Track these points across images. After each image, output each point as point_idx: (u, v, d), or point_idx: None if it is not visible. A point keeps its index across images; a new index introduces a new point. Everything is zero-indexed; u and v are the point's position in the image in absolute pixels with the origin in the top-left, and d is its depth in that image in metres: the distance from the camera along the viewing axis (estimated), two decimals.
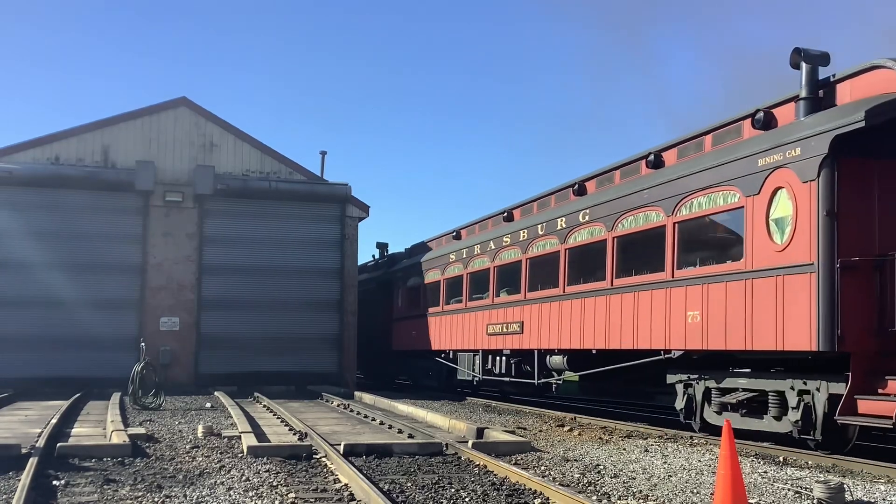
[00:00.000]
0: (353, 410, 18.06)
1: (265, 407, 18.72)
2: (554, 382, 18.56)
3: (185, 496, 7.97)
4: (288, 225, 26.64)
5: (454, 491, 8.32)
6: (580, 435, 13.74)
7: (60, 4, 78.80)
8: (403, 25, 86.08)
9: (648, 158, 14.95)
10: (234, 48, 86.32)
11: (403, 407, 18.00)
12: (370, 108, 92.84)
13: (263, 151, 27.16)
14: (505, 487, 8.52)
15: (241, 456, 10.67)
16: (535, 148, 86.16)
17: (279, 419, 15.62)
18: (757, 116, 12.28)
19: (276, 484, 8.63)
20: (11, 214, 24.10)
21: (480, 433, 12.63)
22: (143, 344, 20.73)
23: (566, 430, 14.52)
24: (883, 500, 8.23)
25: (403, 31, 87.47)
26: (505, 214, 21.20)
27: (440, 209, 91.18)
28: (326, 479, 9.04)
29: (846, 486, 8.33)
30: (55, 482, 8.63)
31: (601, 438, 13.19)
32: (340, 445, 10.84)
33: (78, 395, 20.01)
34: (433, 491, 8.34)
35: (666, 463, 10.43)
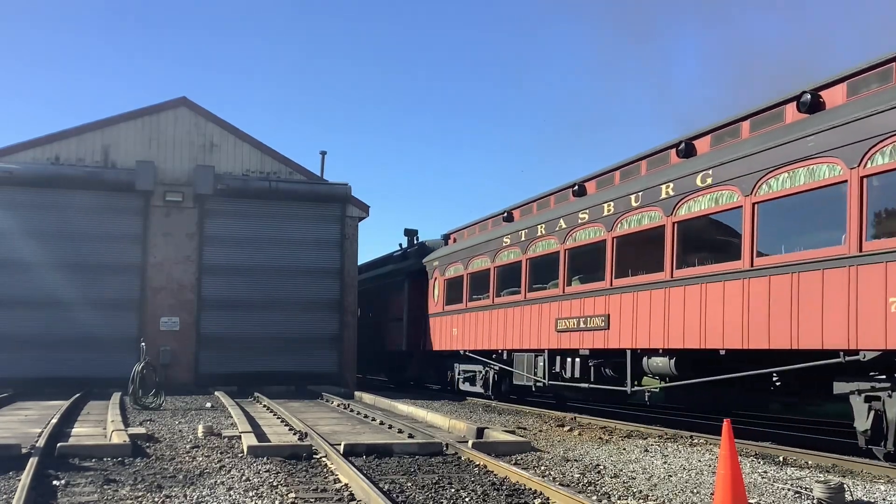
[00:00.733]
0: (353, 410, 18.07)
1: (265, 407, 18.73)
2: (650, 391, 15.12)
3: (185, 496, 7.98)
4: (288, 225, 26.65)
5: (454, 491, 8.33)
6: (580, 435, 13.75)
7: (60, 4, 78.84)
8: (404, 26, 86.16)
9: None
10: (234, 49, 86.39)
11: (403, 407, 18.01)
12: (370, 108, 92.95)
13: (263, 151, 27.17)
14: (505, 487, 8.52)
15: (241, 456, 10.68)
16: (535, 148, 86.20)
17: (279, 419, 15.63)
18: None
19: (276, 484, 8.63)
20: (11, 214, 24.10)
21: (480, 433, 12.65)
22: (143, 344, 20.73)
23: (566, 430, 14.52)
24: (883, 500, 8.23)
25: (404, 31, 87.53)
26: (576, 188, 17.94)
27: (440, 209, 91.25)
28: (326, 479, 9.04)
29: (846, 486, 8.34)
30: (55, 482, 8.64)
31: (601, 438, 13.20)
32: (340, 445, 10.85)
33: (78, 395, 20.03)
34: (433, 491, 8.34)
35: (666, 463, 10.43)
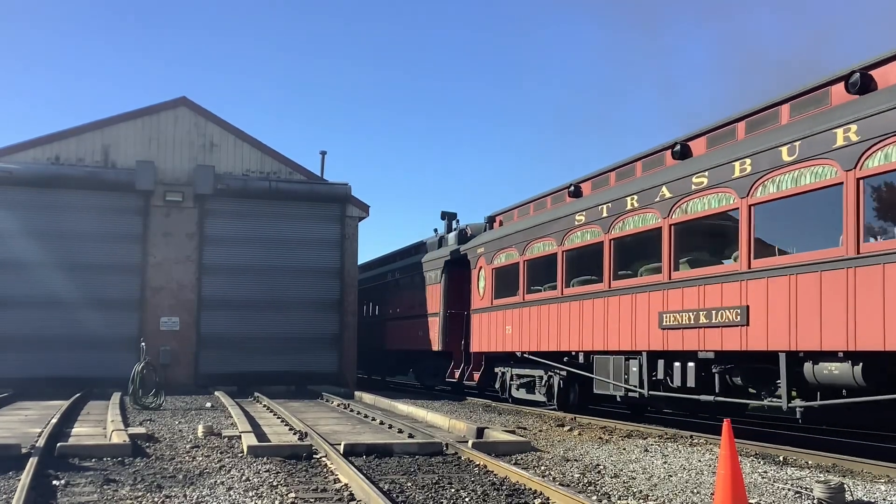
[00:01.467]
0: (353, 410, 18.07)
1: (265, 407, 18.73)
2: (822, 405, 11.09)
3: (185, 496, 7.97)
4: (288, 225, 26.66)
5: (454, 491, 8.33)
6: (580, 435, 13.75)
7: (60, 4, 78.85)
8: (403, 25, 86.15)
9: None
10: (234, 49, 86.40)
11: (403, 407, 18.01)
12: (370, 108, 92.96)
13: (263, 151, 27.18)
14: (505, 487, 8.52)
15: (241, 456, 10.68)
16: (536, 148, 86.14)
17: (279, 419, 15.64)
18: None
19: (276, 484, 8.63)
20: (11, 214, 24.11)
21: (480, 433, 12.65)
22: (143, 344, 20.74)
23: (566, 430, 14.52)
24: (883, 500, 8.23)
25: (403, 31, 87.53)
26: (677, 148, 14.28)
27: (440, 209, 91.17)
28: (326, 478, 9.04)
29: (846, 486, 8.34)
30: (55, 482, 8.63)
31: (601, 438, 13.19)
32: (340, 445, 10.85)
33: (78, 394, 20.03)
34: (433, 491, 8.34)
35: (666, 463, 10.43)
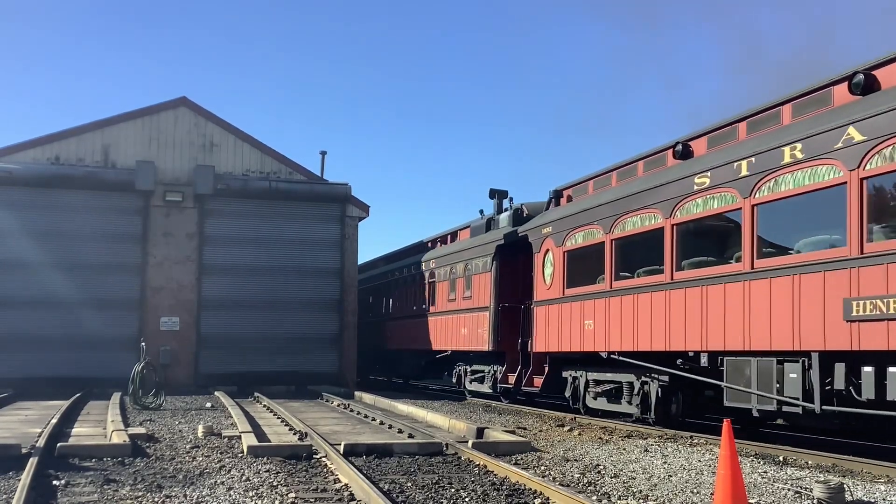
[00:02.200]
0: (353, 410, 18.07)
1: (265, 407, 18.73)
2: None
3: (185, 496, 7.97)
4: (288, 225, 26.66)
5: (454, 491, 8.33)
6: (580, 435, 13.75)
7: (60, 4, 78.85)
8: (403, 25, 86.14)
9: None
10: (234, 49, 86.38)
11: (403, 407, 18.01)
12: (370, 108, 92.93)
13: (263, 151, 27.18)
14: (505, 487, 8.52)
15: (241, 456, 10.68)
16: (536, 148, 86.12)
17: (279, 419, 15.64)
18: None
19: (276, 484, 8.63)
20: (11, 214, 24.11)
21: (480, 433, 12.64)
22: (143, 344, 20.74)
23: (566, 430, 14.52)
24: (883, 500, 8.23)
25: (403, 30, 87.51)
26: (857, 78, 10.77)
27: (440, 209, 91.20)
28: (326, 479, 9.04)
29: (846, 486, 8.34)
30: (55, 482, 8.64)
31: (601, 438, 13.19)
32: (340, 445, 10.85)
33: (78, 395, 20.03)
34: (433, 491, 8.34)
35: (666, 463, 10.43)
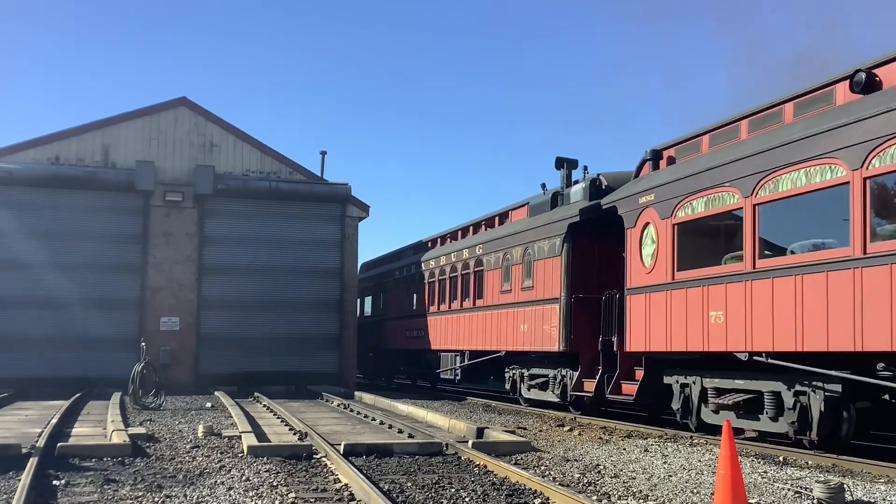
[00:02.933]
0: (353, 410, 18.07)
1: (265, 407, 18.74)
2: None
3: (185, 496, 7.98)
4: (288, 225, 26.67)
5: (454, 491, 8.33)
6: (580, 435, 13.75)
7: (60, 5, 78.85)
8: (403, 25, 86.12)
9: None
10: (234, 48, 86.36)
11: (403, 407, 18.01)
12: (370, 108, 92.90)
13: (263, 151, 27.18)
14: (505, 487, 8.52)
15: (241, 456, 10.68)
16: (536, 148, 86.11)
17: (279, 419, 15.64)
18: None
19: (276, 484, 8.63)
20: (11, 214, 24.11)
21: (480, 433, 12.64)
22: (143, 344, 20.75)
23: (566, 430, 14.52)
24: (883, 500, 8.23)
25: (402, 30, 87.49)
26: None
27: (440, 209, 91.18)
28: (326, 478, 9.04)
29: (846, 486, 8.34)
30: (55, 482, 8.64)
31: (601, 438, 13.20)
32: (340, 445, 10.85)
33: (78, 395, 20.04)
34: (433, 491, 8.34)
35: (666, 463, 10.43)
